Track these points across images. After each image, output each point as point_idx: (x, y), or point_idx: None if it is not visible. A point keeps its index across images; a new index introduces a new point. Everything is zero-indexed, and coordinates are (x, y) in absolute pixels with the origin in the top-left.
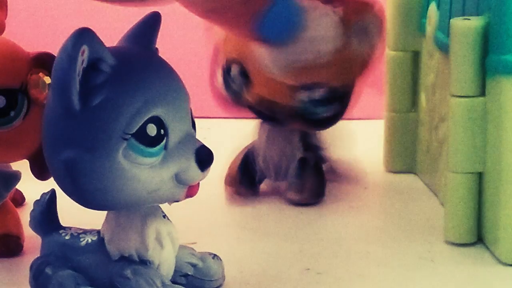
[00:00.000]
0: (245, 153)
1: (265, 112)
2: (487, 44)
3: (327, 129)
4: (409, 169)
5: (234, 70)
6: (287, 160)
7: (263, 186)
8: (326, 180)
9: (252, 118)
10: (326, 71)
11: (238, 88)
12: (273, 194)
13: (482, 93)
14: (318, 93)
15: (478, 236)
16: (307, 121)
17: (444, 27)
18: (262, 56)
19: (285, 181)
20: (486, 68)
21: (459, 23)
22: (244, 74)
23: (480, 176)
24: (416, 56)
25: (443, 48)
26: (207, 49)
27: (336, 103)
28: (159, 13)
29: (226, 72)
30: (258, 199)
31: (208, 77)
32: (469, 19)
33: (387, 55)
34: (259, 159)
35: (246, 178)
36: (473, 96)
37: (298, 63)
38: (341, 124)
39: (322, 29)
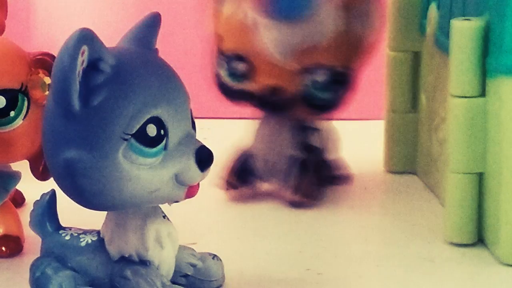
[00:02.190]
0: (242, 155)
1: (270, 99)
2: (487, 44)
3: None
4: (409, 170)
5: (238, 62)
6: (286, 161)
7: (261, 186)
8: (325, 184)
9: (252, 118)
10: (328, 54)
11: (242, 79)
12: (272, 194)
13: (483, 93)
14: (321, 77)
15: (479, 236)
16: (311, 106)
17: (444, 28)
18: (266, 42)
19: (283, 182)
20: (486, 69)
21: (459, 24)
22: (248, 65)
23: (480, 176)
24: (416, 57)
25: (444, 48)
26: (207, 48)
27: (338, 86)
28: (159, 14)
29: (229, 64)
30: (258, 200)
31: (208, 75)
32: (469, 20)
33: (387, 56)
34: (259, 160)
35: (245, 180)
36: (473, 97)
37: (302, 45)
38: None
39: (326, 11)
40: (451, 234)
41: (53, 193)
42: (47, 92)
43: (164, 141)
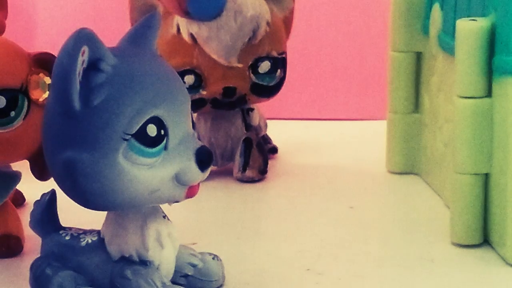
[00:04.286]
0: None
1: (228, 99)
2: (493, 45)
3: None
4: (411, 170)
5: (189, 79)
6: (232, 141)
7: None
8: (267, 157)
9: None
10: (265, 44)
11: (194, 90)
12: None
13: (489, 94)
14: (265, 66)
15: (484, 237)
16: (260, 93)
17: (448, 28)
18: (209, 50)
19: (231, 162)
20: (492, 69)
21: (465, 24)
22: (197, 76)
23: (486, 177)
24: (419, 57)
25: (447, 49)
26: None
27: (280, 70)
28: (159, 13)
29: None
30: (257, 199)
31: None
32: (475, 20)
33: (390, 56)
34: (214, 149)
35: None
36: (479, 97)
37: (241, 43)
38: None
39: (252, 7)
40: (457, 235)
41: (53, 193)
42: (47, 92)
43: (164, 141)
